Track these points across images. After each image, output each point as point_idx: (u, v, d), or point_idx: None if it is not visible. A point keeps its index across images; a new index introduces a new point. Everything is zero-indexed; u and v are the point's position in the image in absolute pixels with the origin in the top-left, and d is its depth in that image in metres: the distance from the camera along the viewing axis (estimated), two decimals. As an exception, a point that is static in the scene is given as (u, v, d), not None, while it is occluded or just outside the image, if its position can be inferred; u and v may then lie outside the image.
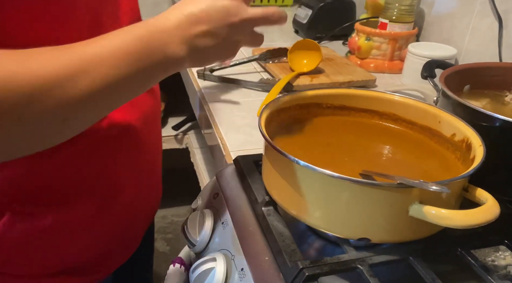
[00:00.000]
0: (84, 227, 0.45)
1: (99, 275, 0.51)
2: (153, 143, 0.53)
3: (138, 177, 0.49)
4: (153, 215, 0.59)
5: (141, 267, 0.69)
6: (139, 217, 0.54)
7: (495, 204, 0.34)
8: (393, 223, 0.37)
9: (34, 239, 0.42)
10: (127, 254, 0.55)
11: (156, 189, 0.57)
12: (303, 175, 0.38)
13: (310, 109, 0.52)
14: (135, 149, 0.48)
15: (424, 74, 0.60)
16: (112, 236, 0.49)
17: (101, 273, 0.51)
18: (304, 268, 0.35)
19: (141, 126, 0.47)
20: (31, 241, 0.42)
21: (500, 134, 0.44)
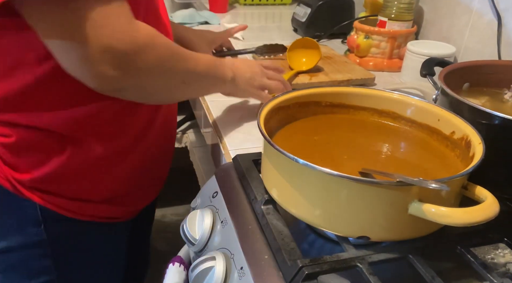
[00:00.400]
0: (125, 157, 0.56)
1: (132, 208, 0.63)
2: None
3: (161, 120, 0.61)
4: (168, 165, 0.70)
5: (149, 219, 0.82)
6: (161, 159, 0.66)
7: (494, 202, 0.34)
8: (392, 221, 0.37)
9: (88, 168, 0.54)
10: (153, 193, 0.68)
11: (172, 136, 0.69)
12: (302, 173, 0.38)
13: (309, 107, 0.52)
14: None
15: (423, 72, 0.60)
16: (143, 169, 0.61)
17: (133, 206, 0.63)
18: (304, 266, 0.35)
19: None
20: (86, 169, 0.53)
21: (499, 132, 0.44)
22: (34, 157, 0.51)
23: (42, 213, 0.54)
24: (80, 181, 0.54)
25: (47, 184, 0.53)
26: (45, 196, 0.53)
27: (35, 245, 0.56)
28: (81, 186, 0.54)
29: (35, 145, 0.50)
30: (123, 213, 0.62)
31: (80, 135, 0.51)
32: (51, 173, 0.51)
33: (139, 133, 0.57)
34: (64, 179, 0.53)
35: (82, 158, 0.52)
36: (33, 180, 0.52)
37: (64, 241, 0.58)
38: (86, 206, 0.56)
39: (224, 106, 0.73)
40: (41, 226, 0.54)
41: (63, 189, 0.54)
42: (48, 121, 0.49)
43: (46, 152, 0.51)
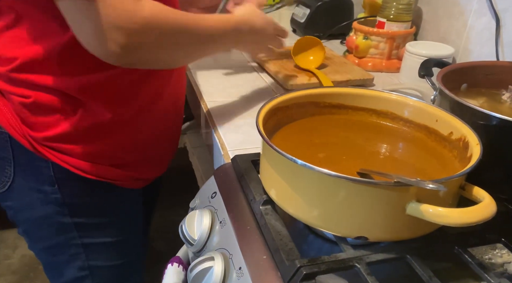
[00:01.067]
0: (132, 125, 0.60)
1: (140, 175, 0.67)
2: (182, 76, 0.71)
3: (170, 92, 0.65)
4: (175, 141, 0.74)
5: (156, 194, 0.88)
6: (168, 133, 0.70)
7: (492, 202, 0.35)
8: (390, 222, 0.37)
9: (97, 131, 0.58)
10: (160, 166, 0.72)
11: (179, 111, 0.72)
12: (300, 174, 0.38)
13: (308, 108, 0.52)
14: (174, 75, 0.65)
15: (421, 72, 0.60)
16: (150, 140, 0.65)
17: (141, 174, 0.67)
18: (302, 266, 0.36)
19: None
20: (95, 132, 0.58)
21: (497, 133, 0.44)
22: (48, 117, 0.55)
23: (54, 172, 0.59)
24: (89, 143, 0.58)
25: (58, 142, 0.57)
26: (57, 154, 0.58)
27: (53, 203, 0.61)
28: (90, 147, 0.58)
29: (50, 106, 0.55)
30: (130, 179, 0.66)
31: (91, 100, 0.55)
32: (63, 133, 0.56)
33: (147, 104, 0.60)
34: (74, 139, 0.57)
35: (91, 122, 0.56)
36: (46, 139, 0.57)
37: (78, 200, 0.62)
38: (95, 167, 0.60)
39: (223, 106, 0.73)
40: (55, 185, 0.60)
41: (73, 149, 0.58)
42: (64, 85, 0.53)
43: (59, 113, 0.55)
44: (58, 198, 0.60)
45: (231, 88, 0.81)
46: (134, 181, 0.67)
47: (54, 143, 0.57)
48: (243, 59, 0.95)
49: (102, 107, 0.56)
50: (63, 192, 0.60)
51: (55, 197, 0.60)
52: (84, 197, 0.63)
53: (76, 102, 0.55)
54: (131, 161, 0.65)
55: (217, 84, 0.82)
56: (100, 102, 0.56)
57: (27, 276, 1.45)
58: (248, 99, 0.76)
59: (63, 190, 0.60)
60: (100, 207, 0.65)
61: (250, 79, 0.85)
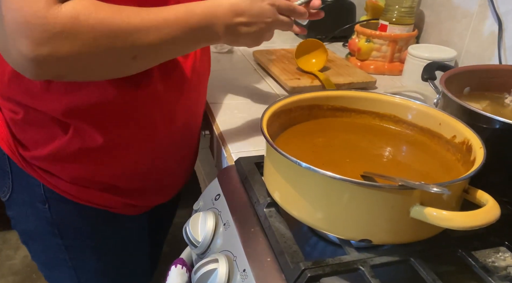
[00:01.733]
0: (128, 151, 0.55)
1: (138, 202, 0.62)
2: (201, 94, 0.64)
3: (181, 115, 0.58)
4: (189, 173, 0.68)
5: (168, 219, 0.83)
6: (177, 161, 0.63)
7: (495, 206, 0.35)
8: (394, 225, 0.37)
9: (87, 155, 0.53)
10: (163, 198, 0.66)
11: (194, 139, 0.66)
12: (304, 176, 0.38)
13: (311, 111, 0.52)
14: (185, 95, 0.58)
15: (424, 76, 0.60)
16: (150, 167, 0.59)
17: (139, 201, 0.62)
18: (306, 269, 0.36)
19: (196, 80, 0.60)
20: (85, 156, 0.53)
21: (500, 136, 0.44)
22: (37, 135, 0.53)
23: (45, 191, 0.56)
24: (79, 166, 0.54)
25: (47, 164, 0.54)
26: (45, 175, 0.55)
27: (45, 221, 0.58)
28: (79, 171, 0.55)
29: (38, 124, 0.52)
30: (126, 206, 0.61)
31: (80, 123, 0.51)
32: (51, 153, 0.53)
33: (147, 129, 0.55)
34: (63, 161, 0.54)
35: (81, 145, 0.52)
36: (35, 158, 0.54)
37: (69, 223, 0.59)
38: (85, 191, 0.56)
39: (227, 109, 0.73)
40: (45, 204, 0.57)
41: (61, 171, 0.55)
42: (48, 107, 0.49)
43: (48, 133, 0.52)
44: (48, 217, 0.58)
45: (234, 90, 0.81)
46: (131, 208, 0.62)
47: (43, 163, 0.54)
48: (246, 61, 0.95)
49: (93, 131, 0.51)
50: (53, 213, 0.57)
51: (46, 216, 0.58)
52: (75, 221, 0.59)
53: (67, 124, 0.51)
54: (127, 188, 0.59)
55: (220, 86, 0.82)
56: (91, 126, 0.51)
57: (29, 277, 1.45)
58: (252, 102, 0.77)
59: (54, 210, 0.57)
60: (92, 231, 0.61)
61: (253, 82, 0.86)
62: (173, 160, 0.62)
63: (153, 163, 0.59)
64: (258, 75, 0.89)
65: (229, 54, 0.99)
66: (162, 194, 0.65)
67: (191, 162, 0.68)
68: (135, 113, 0.53)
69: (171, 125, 0.57)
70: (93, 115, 0.50)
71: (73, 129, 0.51)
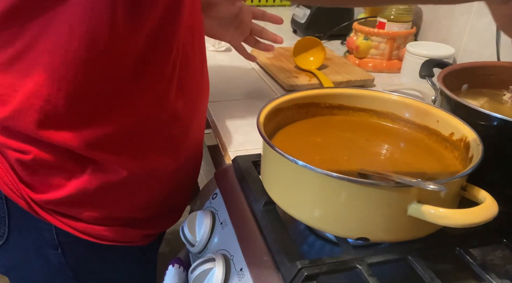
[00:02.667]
0: (149, 180, 0.52)
1: (154, 231, 0.59)
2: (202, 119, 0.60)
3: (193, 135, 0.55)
4: (193, 188, 0.65)
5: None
6: (186, 182, 0.60)
7: (493, 203, 0.34)
8: (391, 223, 0.37)
9: (110, 192, 0.49)
10: (177, 216, 0.63)
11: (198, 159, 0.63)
12: (301, 175, 0.38)
13: (309, 109, 0.52)
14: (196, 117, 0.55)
15: (422, 73, 0.60)
16: (168, 194, 0.56)
17: (155, 229, 0.59)
18: (303, 267, 0.35)
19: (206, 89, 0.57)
20: (107, 193, 0.49)
21: (498, 133, 0.44)
22: (51, 177, 0.47)
23: (58, 235, 0.51)
24: (100, 205, 0.50)
25: (64, 207, 0.49)
26: (63, 218, 0.50)
27: (56, 267, 0.53)
28: (100, 210, 0.51)
29: (53, 164, 0.46)
30: (143, 237, 0.58)
31: (103, 156, 0.46)
32: (69, 196, 0.48)
33: (166, 154, 0.51)
34: (82, 203, 0.49)
35: (103, 182, 0.48)
36: (50, 202, 0.48)
37: (85, 265, 0.55)
38: (106, 230, 0.52)
39: (224, 107, 0.73)
40: (58, 249, 0.52)
41: (80, 212, 0.50)
42: (70, 141, 0.44)
43: (64, 173, 0.47)
44: (62, 262, 0.53)
45: (232, 89, 0.81)
46: (148, 238, 0.59)
47: (58, 207, 0.49)
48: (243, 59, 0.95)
49: (116, 164, 0.47)
50: (67, 257, 0.53)
51: (60, 261, 0.53)
52: (92, 261, 0.55)
53: (85, 160, 0.46)
54: (146, 218, 0.56)
55: (218, 85, 0.82)
56: (113, 158, 0.46)
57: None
58: (249, 100, 0.76)
59: (68, 254, 0.53)
60: (109, 270, 0.58)
61: (251, 80, 0.85)
62: (186, 175, 0.59)
63: (172, 184, 0.56)
64: (256, 73, 0.89)
65: (227, 52, 0.99)
66: (176, 214, 0.63)
67: (198, 172, 0.65)
68: (158, 137, 0.49)
69: (187, 142, 0.54)
70: (115, 146, 0.46)
71: (93, 164, 0.47)
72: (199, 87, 0.54)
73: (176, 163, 0.53)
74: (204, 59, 0.56)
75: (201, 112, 0.57)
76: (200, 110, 0.56)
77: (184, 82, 0.49)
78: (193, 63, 0.51)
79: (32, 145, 0.45)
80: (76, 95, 0.41)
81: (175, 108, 0.49)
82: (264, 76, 0.87)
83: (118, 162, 0.47)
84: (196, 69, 0.52)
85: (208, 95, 0.61)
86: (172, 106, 0.48)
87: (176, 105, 0.49)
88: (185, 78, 0.49)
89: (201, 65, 0.54)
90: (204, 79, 0.56)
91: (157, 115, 0.47)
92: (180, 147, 0.53)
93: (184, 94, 0.50)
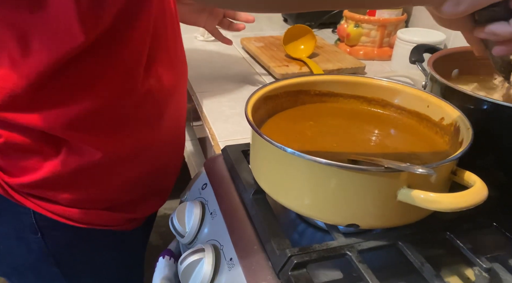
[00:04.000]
0: (126, 164, 0.51)
1: (137, 215, 0.58)
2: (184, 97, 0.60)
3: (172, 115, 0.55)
4: (176, 173, 0.65)
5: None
6: (169, 167, 0.60)
7: (483, 187, 0.34)
8: (381, 209, 0.37)
9: (85, 174, 0.48)
10: (160, 200, 0.62)
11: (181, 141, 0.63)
12: (290, 162, 0.38)
13: (298, 97, 0.51)
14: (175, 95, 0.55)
15: (412, 58, 0.60)
16: (148, 178, 0.56)
17: (137, 214, 0.58)
18: (293, 255, 0.35)
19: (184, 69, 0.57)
20: (83, 176, 0.48)
21: (488, 117, 0.44)
22: (25, 160, 0.47)
23: (36, 220, 0.50)
24: (77, 187, 0.50)
25: (40, 190, 0.49)
26: (38, 201, 0.50)
27: (37, 252, 0.53)
28: (78, 192, 0.50)
29: (25, 147, 0.45)
30: (125, 221, 0.57)
31: (77, 137, 0.46)
32: (45, 178, 0.47)
33: (144, 134, 0.51)
34: (58, 185, 0.48)
35: (78, 164, 0.47)
36: (25, 185, 0.48)
37: (66, 249, 0.54)
38: (85, 213, 0.52)
39: (214, 97, 0.72)
40: (37, 233, 0.51)
41: (57, 195, 0.49)
42: (45, 123, 0.43)
43: (38, 156, 0.46)
44: (42, 247, 0.52)
45: (222, 78, 0.80)
46: (132, 222, 0.58)
47: (33, 190, 0.48)
48: (233, 49, 0.94)
49: (90, 145, 0.47)
50: (47, 241, 0.52)
51: (39, 246, 0.52)
52: (73, 246, 0.55)
53: (59, 142, 0.46)
54: (128, 201, 0.56)
55: (208, 74, 0.81)
56: (87, 139, 0.46)
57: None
58: (239, 90, 0.75)
59: (48, 239, 0.52)
60: (91, 254, 0.57)
61: (241, 69, 0.84)
62: (167, 158, 0.59)
63: (153, 167, 0.55)
64: (246, 62, 0.88)
65: (216, 42, 0.98)
66: (159, 198, 0.62)
67: (181, 156, 0.66)
68: (131, 117, 0.48)
69: (165, 122, 0.54)
70: (89, 125, 0.45)
71: (67, 146, 0.46)
72: (174, 67, 0.54)
73: (153, 143, 0.53)
74: (178, 40, 0.55)
75: (178, 91, 0.56)
76: (176, 90, 0.55)
77: (156, 62, 0.49)
78: (165, 43, 0.50)
79: (2, 129, 0.44)
80: (41, 76, 0.40)
81: (147, 87, 0.48)
82: (254, 65, 0.86)
83: (92, 143, 0.47)
84: (170, 48, 0.52)
85: (186, 77, 0.61)
86: (144, 85, 0.48)
87: (148, 85, 0.48)
88: (157, 57, 0.49)
89: (174, 45, 0.54)
90: (179, 60, 0.56)
91: (129, 94, 0.47)
92: (156, 128, 0.52)
93: (157, 73, 0.50)
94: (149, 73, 0.48)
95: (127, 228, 0.57)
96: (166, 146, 0.56)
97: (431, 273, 0.34)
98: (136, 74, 0.46)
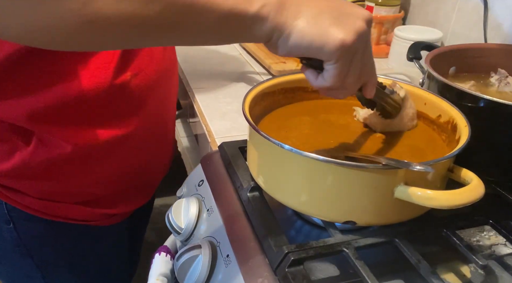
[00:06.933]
0: (101, 156, 0.50)
1: (115, 211, 0.57)
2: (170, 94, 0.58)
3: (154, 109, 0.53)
4: (162, 171, 0.63)
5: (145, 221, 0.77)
6: (152, 162, 0.59)
7: (480, 184, 0.34)
8: (378, 206, 0.37)
9: (55, 165, 0.48)
10: (143, 199, 0.61)
11: (167, 138, 0.61)
12: (287, 159, 0.37)
13: (296, 93, 0.51)
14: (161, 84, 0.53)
15: (409, 55, 0.59)
16: (129, 172, 0.54)
17: (115, 209, 0.56)
18: (290, 252, 0.35)
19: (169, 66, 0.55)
20: (52, 167, 0.48)
21: (485, 115, 0.44)
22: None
23: (9, 212, 0.50)
24: (47, 179, 0.49)
25: (10, 180, 0.48)
26: (8, 192, 0.49)
27: (10, 242, 0.53)
28: (48, 185, 0.49)
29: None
30: (104, 217, 0.56)
31: (45, 129, 0.45)
32: (13, 168, 0.47)
33: (119, 129, 0.49)
34: (28, 176, 0.48)
35: (47, 156, 0.47)
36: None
37: (40, 241, 0.54)
38: (56, 207, 0.51)
39: (211, 94, 0.72)
40: (10, 224, 0.51)
41: (27, 186, 0.49)
42: (6, 112, 0.43)
43: (8, 145, 0.46)
44: (15, 237, 0.52)
45: (219, 75, 0.79)
46: (110, 218, 0.57)
47: (4, 180, 0.48)
48: (230, 46, 0.93)
49: (60, 137, 0.46)
50: (20, 232, 0.52)
51: (12, 236, 0.52)
52: (46, 239, 0.54)
53: (28, 133, 0.46)
54: (104, 196, 0.54)
55: (204, 71, 0.80)
56: (57, 131, 0.45)
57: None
58: (236, 86, 0.75)
59: (20, 230, 0.52)
60: (67, 248, 0.56)
61: (238, 66, 0.84)
62: (149, 155, 0.57)
63: (129, 162, 0.54)
64: (243, 59, 0.87)
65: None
66: (141, 195, 0.61)
67: (169, 154, 0.63)
68: (103, 110, 0.47)
69: (144, 118, 0.52)
70: (58, 117, 0.45)
71: (37, 137, 0.46)
72: (158, 63, 0.52)
73: (131, 139, 0.51)
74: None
75: (162, 87, 0.54)
76: (160, 85, 0.53)
77: (137, 57, 0.48)
78: None
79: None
80: (2, 66, 0.40)
81: (121, 80, 0.47)
82: (251, 62, 0.86)
83: (60, 136, 0.46)
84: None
85: (175, 72, 0.59)
86: (118, 78, 0.46)
87: (124, 79, 0.47)
88: (138, 53, 0.48)
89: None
90: (166, 56, 0.54)
91: (100, 87, 0.45)
92: (132, 122, 0.50)
93: (137, 68, 0.48)
94: (127, 68, 0.47)
95: (104, 223, 0.56)
96: (147, 142, 0.54)
97: (427, 270, 0.35)
98: (107, 69, 0.46)
